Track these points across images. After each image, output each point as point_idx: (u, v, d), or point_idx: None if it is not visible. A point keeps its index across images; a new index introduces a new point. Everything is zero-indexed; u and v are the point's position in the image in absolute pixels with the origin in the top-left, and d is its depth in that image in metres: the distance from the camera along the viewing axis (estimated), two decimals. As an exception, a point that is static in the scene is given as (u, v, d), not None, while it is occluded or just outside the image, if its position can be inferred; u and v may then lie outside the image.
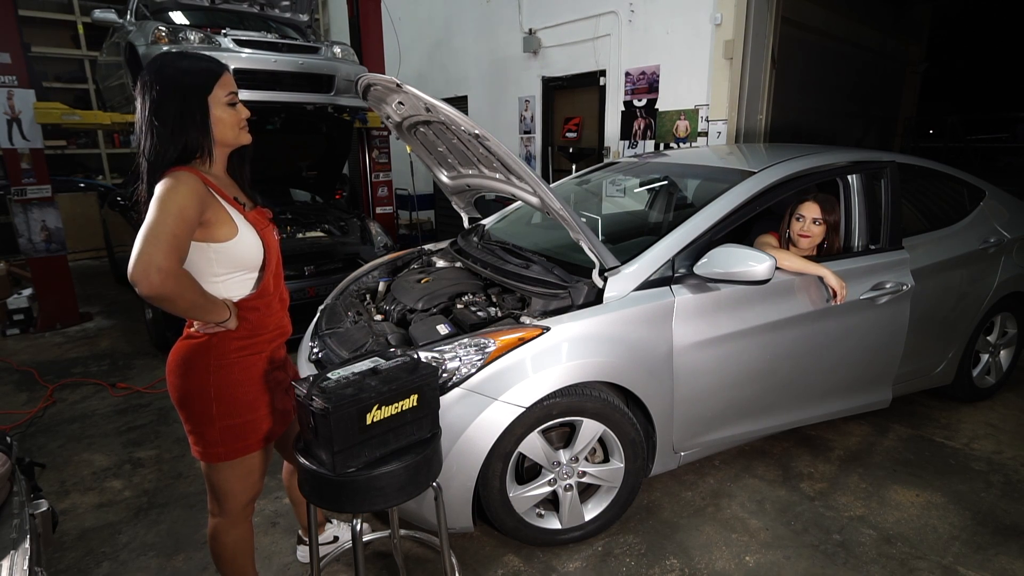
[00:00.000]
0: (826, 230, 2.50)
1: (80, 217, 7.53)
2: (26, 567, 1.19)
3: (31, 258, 4.65)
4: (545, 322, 2.02)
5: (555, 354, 1.97)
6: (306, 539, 2.00)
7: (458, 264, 2.75)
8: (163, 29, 3.87)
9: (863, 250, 2.60)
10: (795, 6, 5.27)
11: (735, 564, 2.11)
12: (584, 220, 2.20)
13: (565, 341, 2.00)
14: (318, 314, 2.65)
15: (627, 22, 5.61)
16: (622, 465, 2.17)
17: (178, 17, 4.49)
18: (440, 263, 2.83)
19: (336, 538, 2.20)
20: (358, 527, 1.49)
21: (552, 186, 2.81)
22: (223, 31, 4.12)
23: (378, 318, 2.46)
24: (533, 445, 2.02)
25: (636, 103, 5.66)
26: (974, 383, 3.22)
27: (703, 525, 2.31)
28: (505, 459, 1.98)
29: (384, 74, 2.08)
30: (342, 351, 2.18)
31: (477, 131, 1.93)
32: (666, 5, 5.26)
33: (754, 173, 2.47)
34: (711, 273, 2.14)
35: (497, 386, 1.91)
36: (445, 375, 1.92)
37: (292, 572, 2.11)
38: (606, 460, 2.19)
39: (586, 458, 2.14)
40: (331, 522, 2.24)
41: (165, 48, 3.77)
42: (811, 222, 2.48)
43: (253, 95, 4.00)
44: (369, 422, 1.38)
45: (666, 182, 3.33)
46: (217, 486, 1.57)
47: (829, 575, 2.06)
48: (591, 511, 2.20)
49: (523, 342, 1.96)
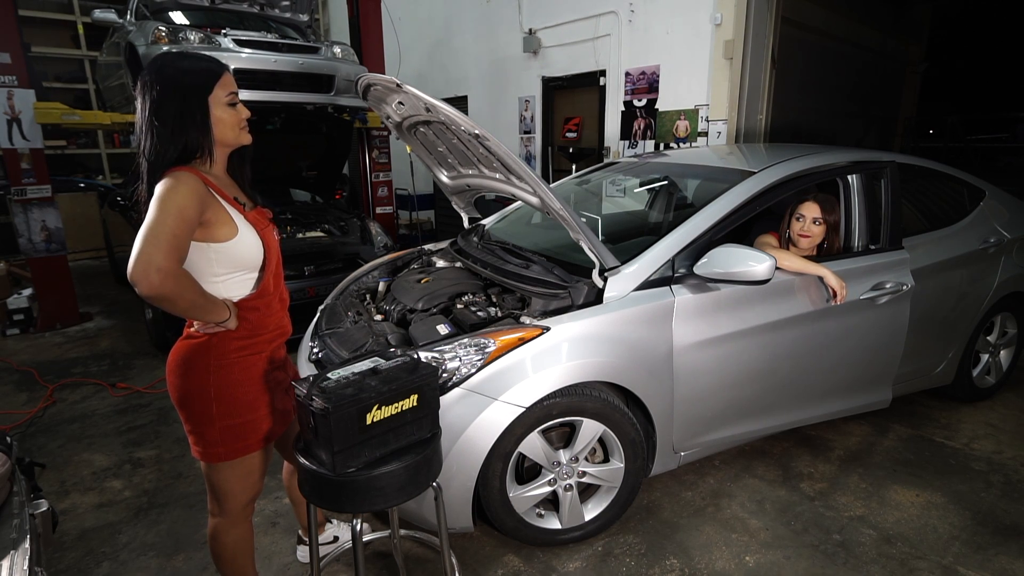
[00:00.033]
0: (826, 230, 2.50)
1: (80, 217, 7.53)
2: (26, 567, 1.19)
3: (31, 258, 4.65)
4: (545, 322, 2.02)
5: (555, 354, 1.97)
6: (306, 539, 2.00)
7: (458, 264, 2.74)
8: (163, 29, 3.87)
9: (863, 250, 2.60)
10: (795, 6, 5.27)
11: (735, 564, 2.11)
12: (584, 220, 2.20)
13: (565, 341, 2.00)
14: (318, 314, 2.65)
15: (627, 22, 5.60)
16: (622, 465, 2.17)
17: (178, 17, 4.49)
18: (440, 263, 2.83)
19: (336, 538, 2.20)
20: (358, 527, 1.49)
21: (552, 186, 2.81)
22: (223, 31, 4.12)
23: (378, 318, 2.46)
24: (533, 445, 2.02)
25: (636, 103, 5.65)
26: (974, 383, 3.22)
27: (703, 525, 2.31)
28: (505, 459, 1.98)
29: (384, 74, 2.08)
30: (342, 351, 2.18)
31: (477, 131, 1.93)
32: (666, 5, 5.26)
33: (754, 173, 2.47)
34: (711, 273, 2.14)
35: (497, 386, 1.91)
36: (445, 375, 1.92)
37: (292, 572, 2.11)
38: (606, 460, 2.19)
39: (586, 458, 2.14)
40: (331, 522, 2.24)
41: (165, 48, 3.77)
42: (811, 222, 2.48)
43: (253, 95, 4.00)
44: (369, 422, 1.38)
45: (666, 182, 3.33)
46: (217, 486, 1.57)
47: (829, 575, 2.06)
48: (591, 511, 2.20)
49: (523, 342, 1.96)
